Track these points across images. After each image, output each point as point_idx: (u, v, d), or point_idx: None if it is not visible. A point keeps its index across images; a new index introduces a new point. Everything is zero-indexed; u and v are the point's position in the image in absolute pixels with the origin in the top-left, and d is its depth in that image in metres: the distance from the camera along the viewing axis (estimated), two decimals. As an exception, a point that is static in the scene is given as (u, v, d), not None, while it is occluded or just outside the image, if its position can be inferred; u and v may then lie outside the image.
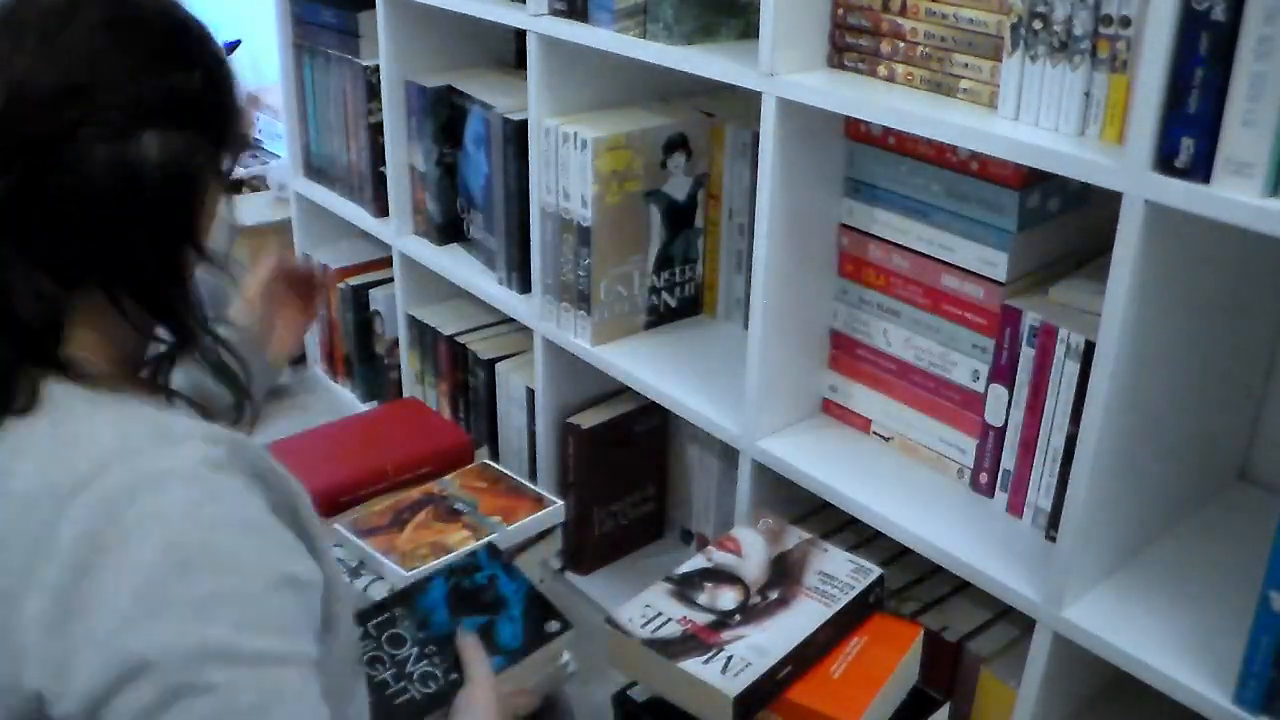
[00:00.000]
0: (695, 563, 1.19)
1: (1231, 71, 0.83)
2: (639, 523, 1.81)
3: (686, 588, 1.15)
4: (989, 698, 1.22)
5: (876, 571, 1.17)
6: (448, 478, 1.50)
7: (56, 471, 0.70)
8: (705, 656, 1.05)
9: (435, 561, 1.27)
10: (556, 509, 1.48)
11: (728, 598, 1.13)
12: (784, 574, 1.17)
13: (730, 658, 1.05)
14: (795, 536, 1.23)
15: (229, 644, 0.69)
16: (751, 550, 1.21)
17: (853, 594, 1.13)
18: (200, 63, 0.81)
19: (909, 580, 1.32)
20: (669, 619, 1.10)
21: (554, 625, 1.10)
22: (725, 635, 1.08)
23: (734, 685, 1.02)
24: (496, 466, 1.57)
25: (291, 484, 0.80)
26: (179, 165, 0.78)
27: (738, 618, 1.10)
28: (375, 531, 1.34)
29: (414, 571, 1.25)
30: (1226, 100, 0.84)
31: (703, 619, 1.10)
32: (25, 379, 0.75)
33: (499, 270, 1.76)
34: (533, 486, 1.53)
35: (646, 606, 1.13)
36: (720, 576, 1.16)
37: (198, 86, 0.80)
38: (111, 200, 0.76)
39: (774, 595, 1.13)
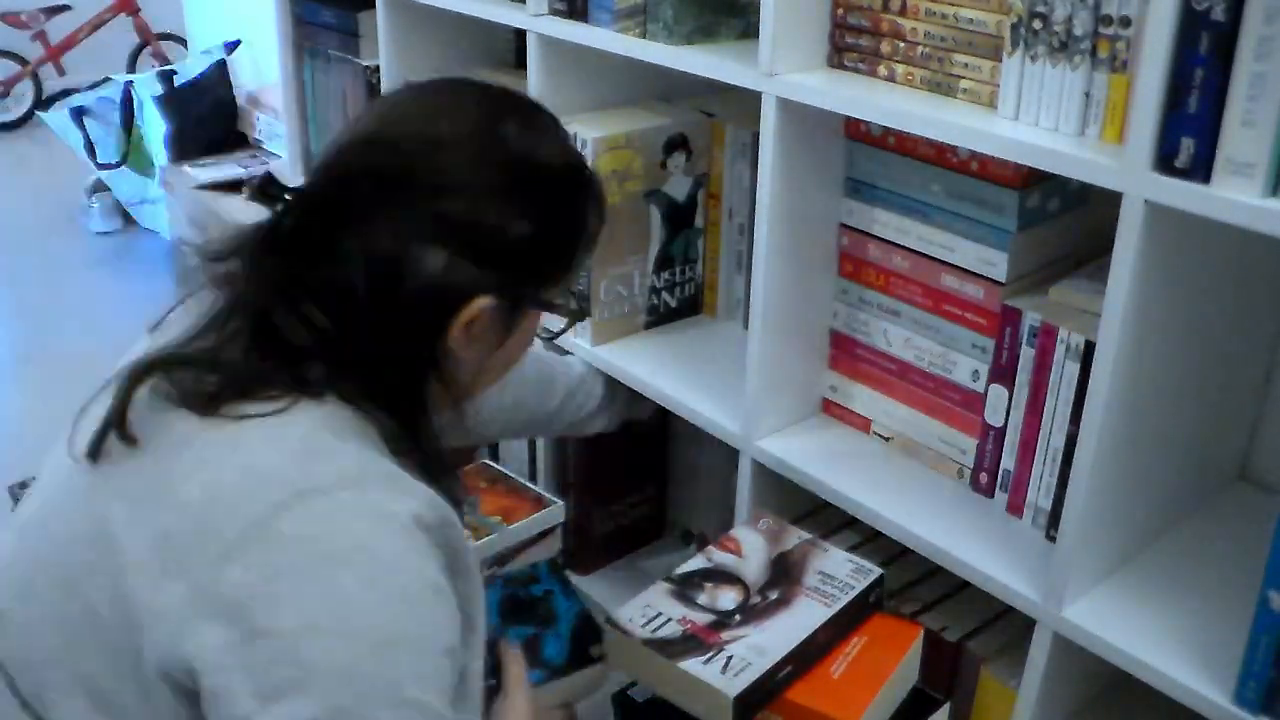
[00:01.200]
0: (695, 563, 1.19)
1: (1231, 71, 0.83)
2: (639, 523, 1.81)
3: (687, 588, 1.15)
4: (989, 698, 1.22)
5: (877, 572, 1.17)
6: None
7: (297, 471, 0.78)
8: (705, 656, 1.05)
9: None
10: (556, 509, 1.48)
11: (728, 598, 1.13)
12: (784, 574, 1.17)
13: (730, 657, 1.05)
14: (795, 537, 1.23)
15: (402, 688, 0.74)
16: (751, 550, 1.21)
17: (853, 594, 1.13)
18: (539, 215, 0.88)
19: (909, 580, 1.32)
20: (669, 619, 1.10)
21: (600, 650, 1.11)
22: (725, 635, 1.08)
23: (734, 685, 1.02)
24: (496, 466, 1.57)
25: (475, 579, 0.87)
26: (442, 289, 0.85)
27: (738, 618, 1.10)
28: None
29: None
30: (1226, 100, 0.84)
31: (703, 619, 1.10)
32: (312, 377, 0.84)
33: (499, 270, 1.76)
34: (533, 486, 1.54)
35: (646, 606, 1.13)
36: (720, 577, 1.16)
37: (522, 234, 0.87)
38: (373, 287, 0.84)
39: (774, 595, 1.13)
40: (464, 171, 0.86)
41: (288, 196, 0.88)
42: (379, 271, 0.84)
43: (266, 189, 0.87)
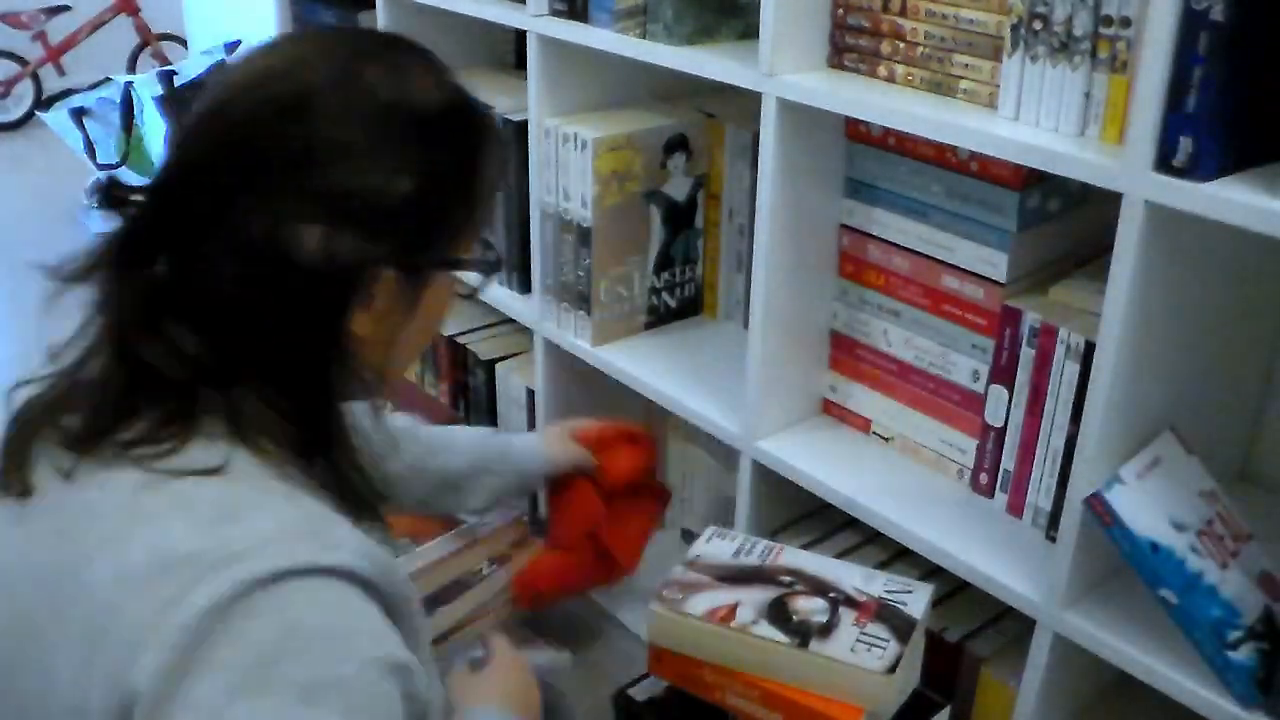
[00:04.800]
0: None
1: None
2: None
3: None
4: (989, 698, 1.22)
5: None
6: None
7: (210, 540, 0.70)
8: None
9: None
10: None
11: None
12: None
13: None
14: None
15: None
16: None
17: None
18: (423, 168, 0.77)
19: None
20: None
21: None
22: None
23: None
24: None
25: (419, 620, 0.81)
26: (332, 268, 0.75)
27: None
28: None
29: None
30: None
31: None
32: (211, 435, 0.75)
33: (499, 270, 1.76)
34: None
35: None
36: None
37: (403, 193, 0.76)
38: (250, 284, 0.75)
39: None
40: (327, 134, 0.75)
41: (137, 198, 0.78)
42: (253, 267, 0.74)
43: (112, 194, 0.78)
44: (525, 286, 1.70)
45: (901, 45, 1.15)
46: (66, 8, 4.97)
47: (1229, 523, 1.05)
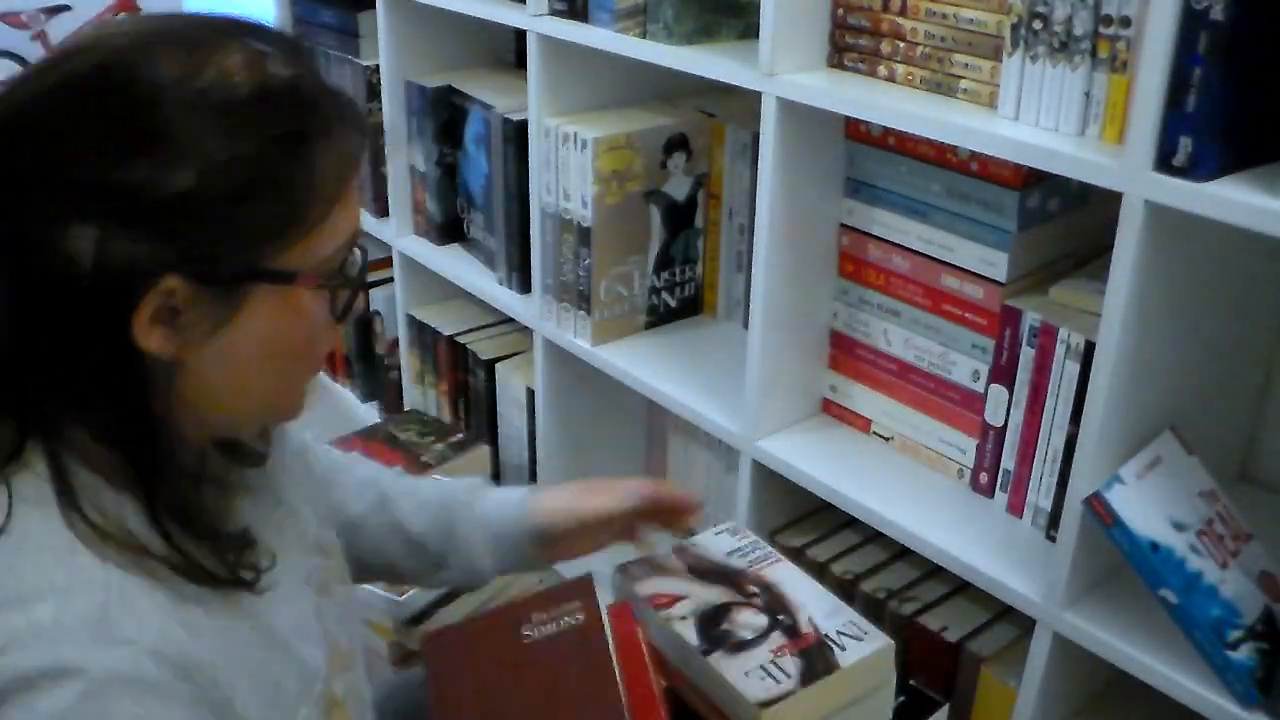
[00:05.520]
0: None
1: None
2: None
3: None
4: (989, 698, 1.22)
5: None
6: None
7: None
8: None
9: None
10: None
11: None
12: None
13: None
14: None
15: None
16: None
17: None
18: (211, 160, 0.66)
19: (909, 580, 1.32)
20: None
21: None
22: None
23: None
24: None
25: (261, 707, 0.72)
26: (104, 274, 0.65)
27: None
28: None
29: None
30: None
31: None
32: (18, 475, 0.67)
33: (499, 270, 1.76)
34: None
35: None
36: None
37: (181, 187, 0.65)
38: (25, 293, 0.67)
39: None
40: (91, 119, 0.65)
41: None
42: (24, 273, 0.66)
43: None
44: (525, 286, 1.70)
45: (901, 45, 1.15)
46: (66, 8, 4.97)
47: (1229, 523, 1.05)
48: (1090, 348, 1.06)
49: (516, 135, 1.63)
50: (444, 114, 1.84)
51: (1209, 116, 0.86)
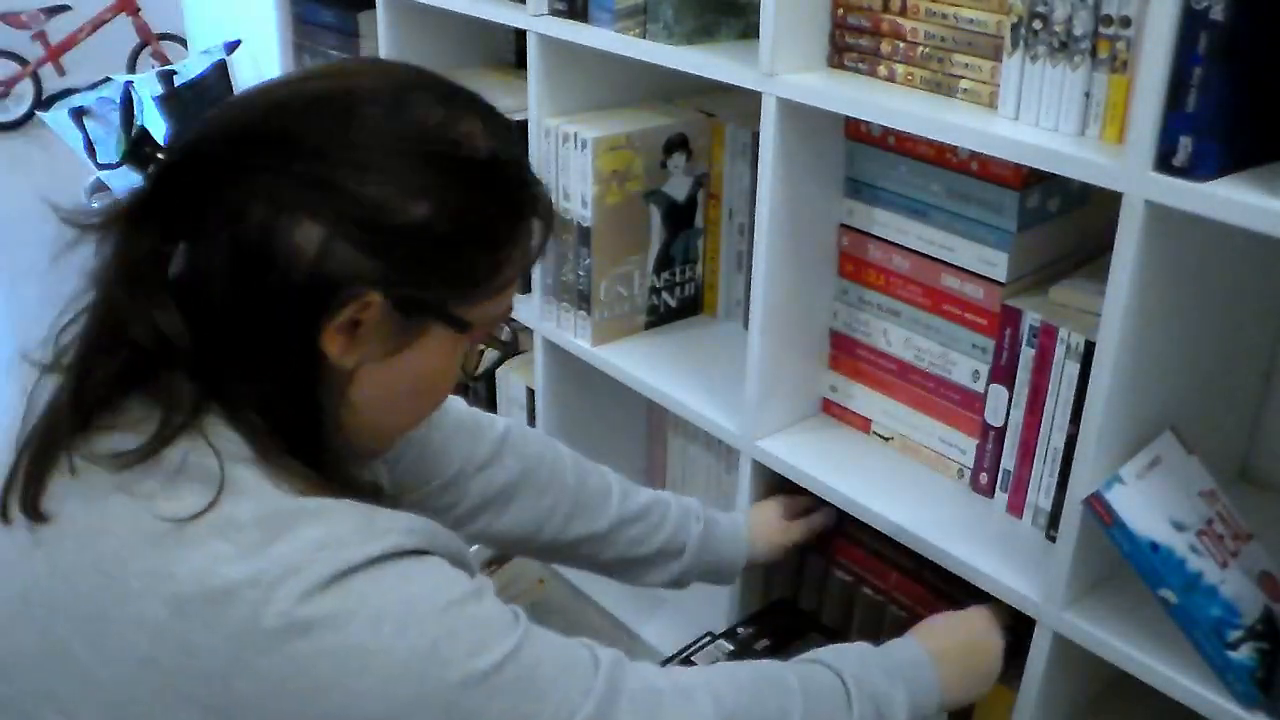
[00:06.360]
0: None
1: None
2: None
3: None
4: (989, 698, 1.22)
5: None
6: None
7: (263, 561, 0.69)
8: None
9: None
10: None
11: None
12: None
13: None
14: None
15: (470, 669, 0.72)
16: None
17: None
18: (446, 202, 0.74)
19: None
20: None
21: None
22: None
23: None
24: None
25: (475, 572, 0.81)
26: (317, 271, 0.72)
27: None
28: None
29: None
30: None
31: None
32: (215, 441, 0.74)
33: (499, 270, 1.76)
34: None
35: None
36: None
37: (415, 218, 0.73)
38: (238, 269, 0.72)
39: None
40: (354, 136, 0.73)
41: (160, 156, 0.78)
42: (245, 248, 0.72)
43: (139, 149, 0.76)
44: (525, 286, 1.70)
45: (901, 45, 1.15)
46: (66, 8, 4.98)
47: (1229, 522, 1.05)
48: (1090, 348, 1.06)
49: (516, 135, 1.63)
50: (444, 114, 1.83)
51: (1209, 116, 0.86)
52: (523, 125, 1.60)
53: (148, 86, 3.55)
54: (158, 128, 3.44)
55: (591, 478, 1.23)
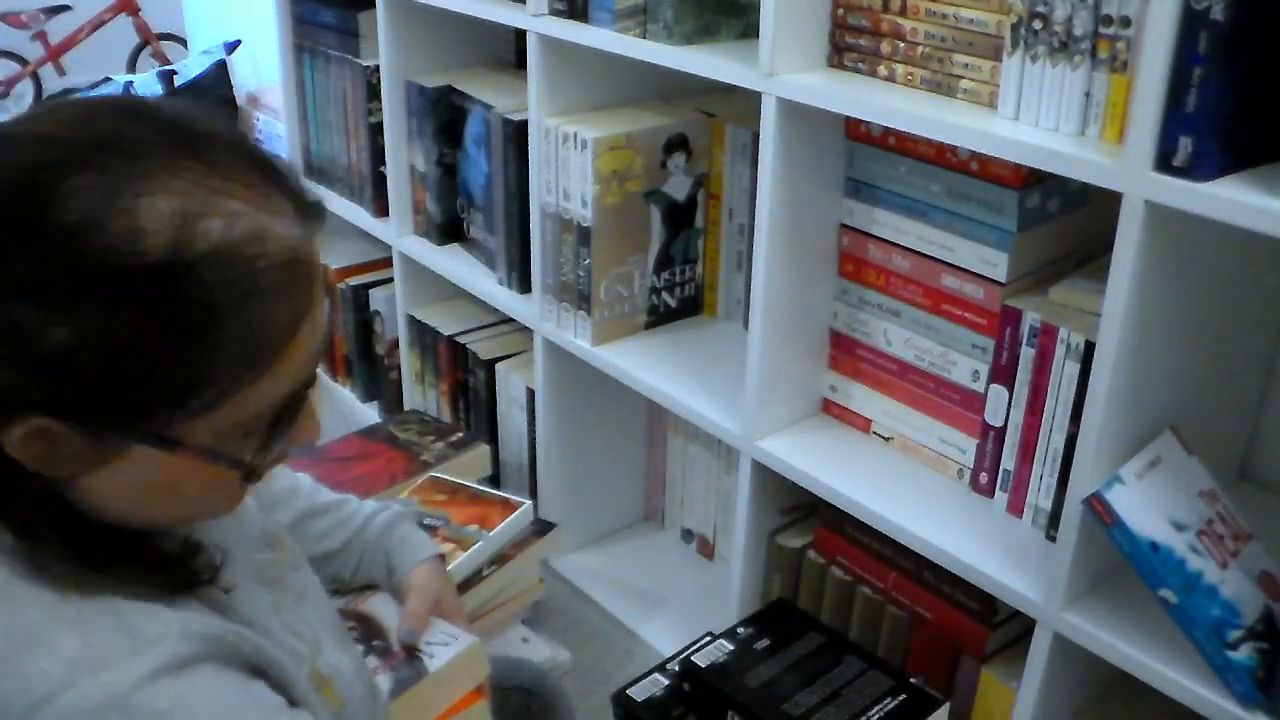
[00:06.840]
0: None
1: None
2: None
3: None
4: (989, 698, 1.22)
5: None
6: (404, 495, 1.49)
7: (10, 684, 0.62)
8: None
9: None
10: (525, 510, 1.48)
11: None
12: None
13: None
14: None
15: None
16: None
17: None
18: (87, 323, 0.61)
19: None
20: None
21: None
22: None
23: None
24: (447, 478, 1.56)
25: (286, 664, 0.74)
26: None
27: None
28: None
29: None
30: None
31: None
32: None
33: (499, 270, 1.76)
34: (492, 490, 1.53)
35: None
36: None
37: (57, 342, 0.61)
38: None
39: None
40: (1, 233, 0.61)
41: None
42: None
43: None
44: (525, 286, 1.70)
45: (901, 45, 1.15)
46: (66, 8, 4.98)
47: (1229, 523, 1.05)
48: (1090, 348, 1.06)
49: (516, 135, 1.63)
50: (444, 114, 1.83)
51: (1209, 116, 0.86)
52: (523, 125, 1.60)
53: (148, 87, 3.55)
54: (158, 128, 3.44)
55: (283, 481, 1.12)
